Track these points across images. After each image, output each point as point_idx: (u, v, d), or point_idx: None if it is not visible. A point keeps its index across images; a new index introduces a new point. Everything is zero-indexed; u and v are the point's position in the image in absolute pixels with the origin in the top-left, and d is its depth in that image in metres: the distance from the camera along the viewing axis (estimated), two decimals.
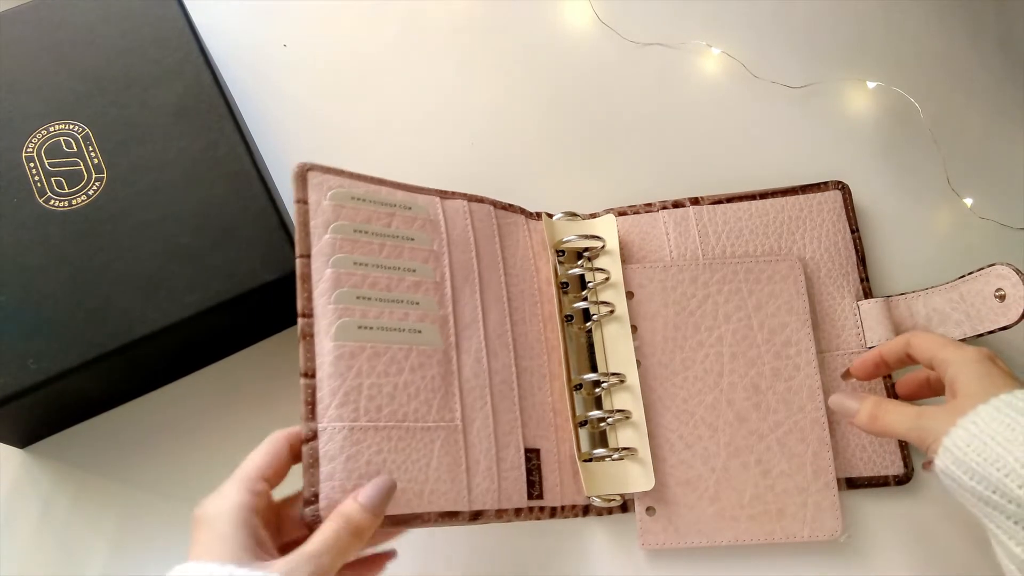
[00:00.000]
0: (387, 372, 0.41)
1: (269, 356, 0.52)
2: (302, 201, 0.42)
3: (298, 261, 0.41)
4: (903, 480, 0.49)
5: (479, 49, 0.62)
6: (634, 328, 0.50)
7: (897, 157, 0.58)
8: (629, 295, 0.51)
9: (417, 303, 0.44)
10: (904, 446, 0.49)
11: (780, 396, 0.49)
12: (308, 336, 0.40)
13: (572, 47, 0.62)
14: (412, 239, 0.45)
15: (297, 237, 0.41)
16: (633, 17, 0.62)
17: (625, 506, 0.48)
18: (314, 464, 0.38)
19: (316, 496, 0.37)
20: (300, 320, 0.40)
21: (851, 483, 0.49)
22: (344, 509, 0.36)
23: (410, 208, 0.46)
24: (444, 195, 0.48)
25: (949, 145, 0.58)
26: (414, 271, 0.44)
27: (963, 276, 0.49)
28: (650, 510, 0.48)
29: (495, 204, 0.50)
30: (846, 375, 0.50)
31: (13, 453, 0.50)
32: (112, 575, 0.47)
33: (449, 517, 0.41)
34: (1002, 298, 0.47)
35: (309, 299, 0.41)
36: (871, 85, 0.60)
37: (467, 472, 0.42)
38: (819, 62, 0.61)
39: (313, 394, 0.39)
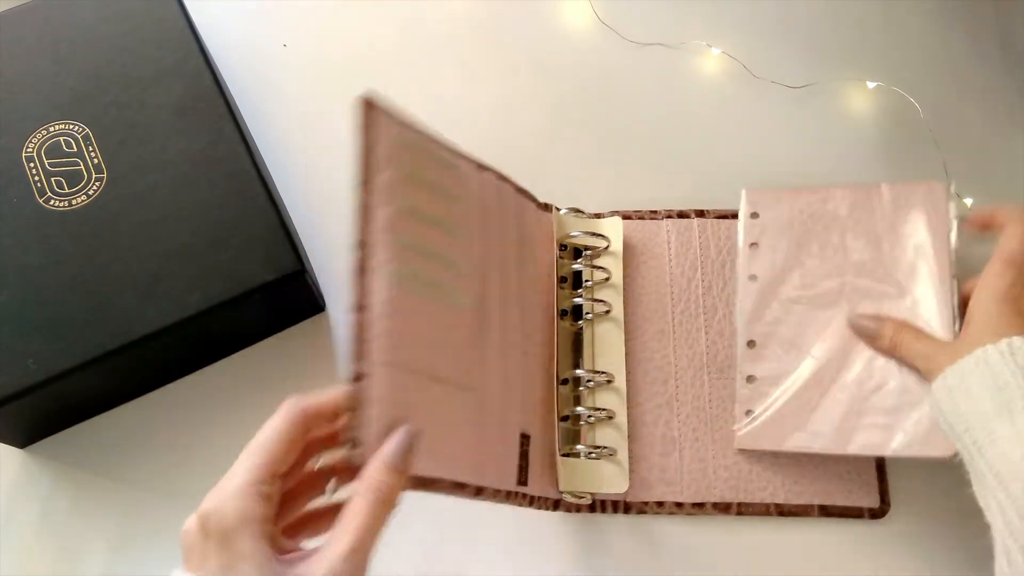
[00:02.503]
0: (433, 326, 0.39)
1: (269, 356, 0.52)
2: (365, 127, 0.38)
3: (358, 189, 0.37)
4: (878, 514, 0.47)
5: (479, 49, 0.62)
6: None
7: (897, 157, 0.58)
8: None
9: (456, 264, 0.41)
10: (882, 479, 0.48)
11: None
12: (363, 270, 0.36)
13: (572, 47, 0.62)
14: (458, 200, 0.43)
15: (358, 164, 0.37)
16: (633, 17, 0.62)
17: (593, 506, 0.48)
18: (360, 406, 0.34)
19: (359, 440, 0.34)
20: (356, 252, 0.36)
21: (824, 511, 0.48)
22: (371, 483, 0.33)
23: (457, 168, 0.43)
24: (481, 168, 0.45)
25: (949, 145, 0.58)
26: (455, 234, 0.42)
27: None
28: (749, 413, 0.48)
29: (514, 186, 0.48)
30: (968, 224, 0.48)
31: (13, 453, 0.50)
32: (112, 575, 0.47)
33: (458, 488, 0.39)
34: None
35: (366, 229, 0.37)
36: (871, 85, 0.60)
37: (481, 446, 0.41)
38: (819, 62, 0.61)
39: (363, 331, 0.35)
